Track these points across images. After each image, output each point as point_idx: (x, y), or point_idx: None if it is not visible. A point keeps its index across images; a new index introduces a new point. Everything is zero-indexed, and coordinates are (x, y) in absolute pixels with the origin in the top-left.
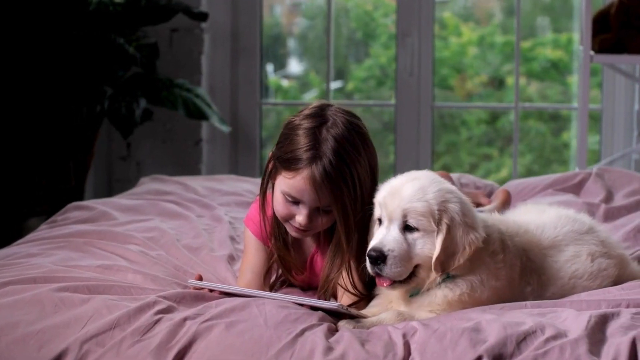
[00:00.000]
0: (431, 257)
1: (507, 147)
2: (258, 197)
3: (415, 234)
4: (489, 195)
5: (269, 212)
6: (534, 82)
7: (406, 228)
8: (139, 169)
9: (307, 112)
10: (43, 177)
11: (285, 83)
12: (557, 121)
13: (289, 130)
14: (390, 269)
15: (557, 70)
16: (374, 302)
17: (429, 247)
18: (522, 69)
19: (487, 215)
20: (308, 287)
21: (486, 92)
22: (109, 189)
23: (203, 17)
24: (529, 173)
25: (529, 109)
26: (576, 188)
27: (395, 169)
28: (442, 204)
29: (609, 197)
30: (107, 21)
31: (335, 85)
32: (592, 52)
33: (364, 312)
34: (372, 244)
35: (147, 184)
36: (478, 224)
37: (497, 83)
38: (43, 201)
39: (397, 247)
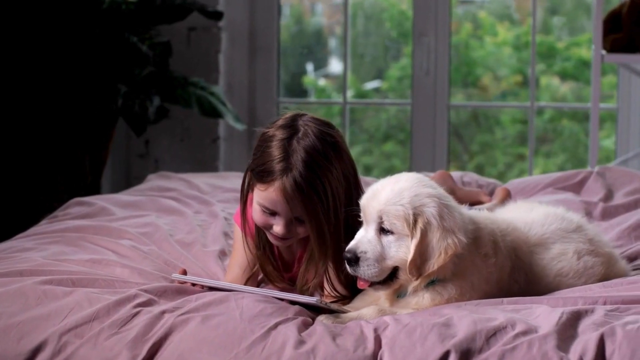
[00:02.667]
0: (406, 260)
1: (540, 147)
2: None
3: (390, 237)
4: (492, 193)
5: (250, 223)
6: (569, 81)
7: (382, 230)
8: (157, 166)
9: (280, 122)
10: (60, 174)
11: (322, 82)
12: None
13: (261, 142)
14: (363, 270)
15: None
16: (359, 298)
17: (403, 250)
18: (556, 68)
19: (480, 214)
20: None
21: (520, 91)
22: (127, 186)
23: (218, 16)
24: None
25: (558, 109)
26: (577, 187)
27: (411, 168)
28: (417, 208)
29: (608, 196)
30: (120, 20)
31: (372, 84)
32: (604, 52)
33: (347, 307)
34: (348, 245)
35: (153, 181)
36: (459, 229)
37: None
38: (60, 198)
39: (371, 248)
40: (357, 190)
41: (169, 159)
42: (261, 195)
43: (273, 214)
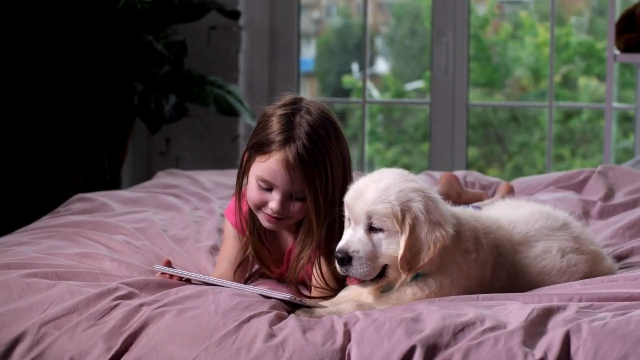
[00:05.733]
0: (397, 257)
1: (578, 148)
2: None
3: (380, 235)
4: (494, 194)
5: (244, 207)
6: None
7: (371, 229)
8: (178, 164)
9: (281, 102)
10: (79, 172)
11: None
12: (632, 122)
13: (262, 119)
14: (356, 269)
15: (631, 72)
16: (342, 294)
17: (394, 247)
18: (596, 69)
19: (463, 211)
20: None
21: (559, 91)
22: None
23: (236, 15)
24: None
25: (597, 109)
26: (579, 186)
27: (430, 166)
28: (404, 203)
29: (609, 195)
30: (136, 19)
31: (414, 85)
32: (618, 52)
33: (328, 302)
34: (339, 245)
35: (160, 178)
36: (445, 221)
37: (570, 82)
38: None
39: (362, 248)
40: (350, 177)
41: (189, 157)
42: (260, 167)
43: (270, 189)
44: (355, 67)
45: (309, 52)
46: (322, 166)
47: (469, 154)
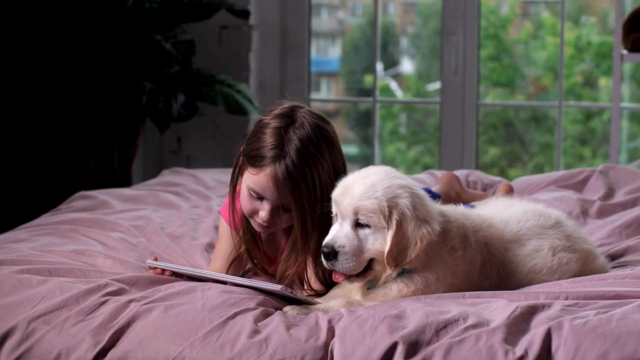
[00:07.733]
0: (383, 252)
1: (599, 148)
2: None
3: (367, 230)
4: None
5: (238, 206)
6: (629, 83)
7: (358, 224)
8: (189, 162)
9: (277, 112)
10: (89, 170)
11: (388, 82)
12: None
13: (257, 128)
14: (342, 264)
15: None
16: (332, 291)
17: (380, 242)
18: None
19: (453, 209)
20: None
21: (581, 91)
22: None
23: (245, 14)
24: None
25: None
26: (579, 185)
27: (440, 166)
28: (391, 200)
29: (609, 194)
30: (144, 18)
31: (435, 85)
32: (625, 52)
33: (319, 300)
34: (325, 240)
35: (164, 176)
36: (432, 218)
37: (591, 82)
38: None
39: (348, 243)
40: None
41: (201, 155)
42: (252, 179)
43: (260, 198)
44: (379, 66)
45: (334, 52)
46: (311, 182)
47: (490, 153)
